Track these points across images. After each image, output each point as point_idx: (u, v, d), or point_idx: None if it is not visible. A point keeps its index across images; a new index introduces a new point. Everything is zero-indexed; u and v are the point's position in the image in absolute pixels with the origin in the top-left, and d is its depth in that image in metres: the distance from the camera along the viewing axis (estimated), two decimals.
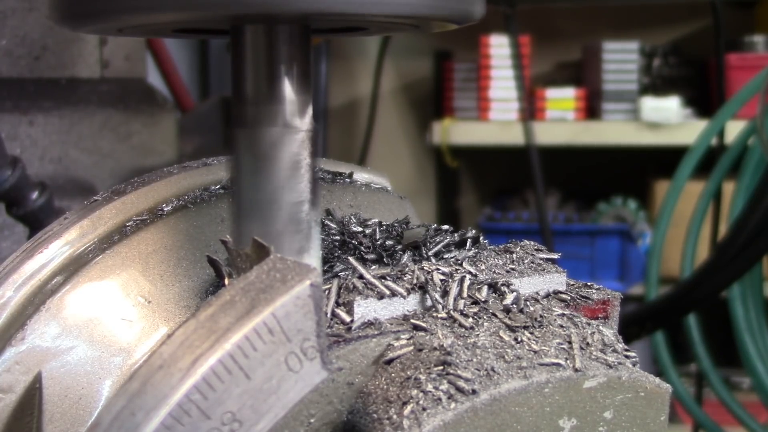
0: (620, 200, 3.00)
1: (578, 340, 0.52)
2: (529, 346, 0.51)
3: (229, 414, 0.40)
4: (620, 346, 0.53)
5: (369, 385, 0.48)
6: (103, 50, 1.27)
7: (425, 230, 0.59)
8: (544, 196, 1.83)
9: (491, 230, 2.92)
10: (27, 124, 1.16)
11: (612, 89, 2.94)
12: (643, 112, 2.84)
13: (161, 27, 0.50)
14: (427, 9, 0.46)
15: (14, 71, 1.18)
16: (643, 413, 0.51)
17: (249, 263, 0.46)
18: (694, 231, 1.75)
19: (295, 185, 0.49)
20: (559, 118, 2.95)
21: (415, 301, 0.52)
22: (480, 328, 0.51)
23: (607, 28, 3.13)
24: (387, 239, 0.57)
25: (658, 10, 3.14)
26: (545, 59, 3.22)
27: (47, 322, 0.53)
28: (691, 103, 2.90)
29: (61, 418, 0.51)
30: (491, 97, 2.97)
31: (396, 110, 3.36)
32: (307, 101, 0.49)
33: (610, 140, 2.89)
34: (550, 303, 0.56)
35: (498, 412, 0.47)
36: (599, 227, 2.92)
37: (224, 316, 0.41)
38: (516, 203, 3.09)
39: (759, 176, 1.49)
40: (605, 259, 2.88)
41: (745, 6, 2.99)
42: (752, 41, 2.88)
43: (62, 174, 1.19)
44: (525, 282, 0.56)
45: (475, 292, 0.54)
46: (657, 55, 2.98)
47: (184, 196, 0.59)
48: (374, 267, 0.54)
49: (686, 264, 1.73)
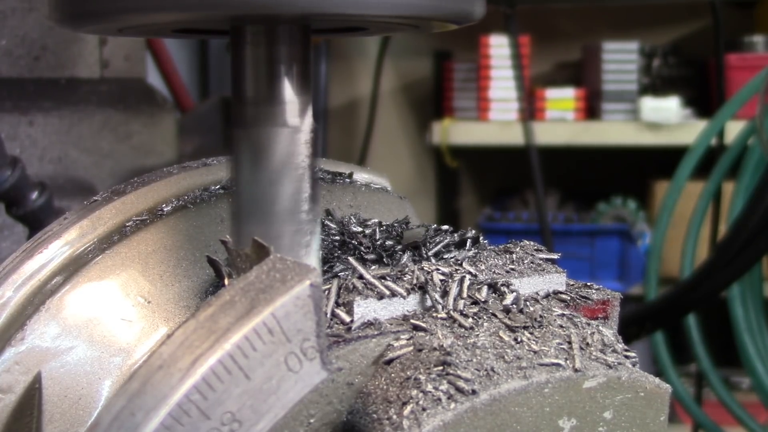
0: (620, 200, 3.00)
1: (578, 340, 0.52)
2: (529, 346, 0.51)
3: (229, 414, 0.40)
4: (620, 347, 0.53)
5: (369, 385, 0.48)
6: (103, 50, 1.27)
7: (425, 230, 0.59)
8: (543, 197, 1.83)
9: (491, 230, 2.92)
10: (27, 124, 1.16)
11: (612, 89, 2.94)
12: (643, 113, 2.84)
13: (161, 27, 0.50)
14: (427, 9, 0.46)
15: (14, 71, 1.18)
16: (642, 413, 0.51)
17: (249, 263, 0.46)
18: (693, 231, 1.75)
19: (294, 185, 0.49)
20: (558, 119, 2.95)
21: (414, 302, 0.52)
22: (480, 329, 0.51)
23: (606, 29, 3.13)
24: (387, 239, 0.57)
25: (658, 11, 3.14)
26: (545, 59, 3.22)
27: (47, 322, 0.53)
28: (690, 104, 2.90)
29: (60, 418, 0.51)
30: (491, 97, 2.97)
31: (396, 110, 3.36)
32: (307, 101, 0.49)
33: (610, 140, 2.89)
34: (550, 303, 0.56)
35: (498, 413, 0.47)
36: (599, 227, 2.92)
37: (224, 317, 0.41)
38: (516, 203, 3.09)
39: (759, 176, 1.49)
40: (605, 259, 2.88)
41: (744, 6, 2.99)
42: (752, 41, 2.88)
43: (62, 174, 1.19)
44: (525, 282, 0.56)
45: (475, 292, 0.54)
46: (657, 56, 2.98)
47: (184, 197, 0.59)
48: (374, 267, 0.54)
49: (686, 264, 1.73)
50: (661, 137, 2.83)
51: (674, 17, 3.14)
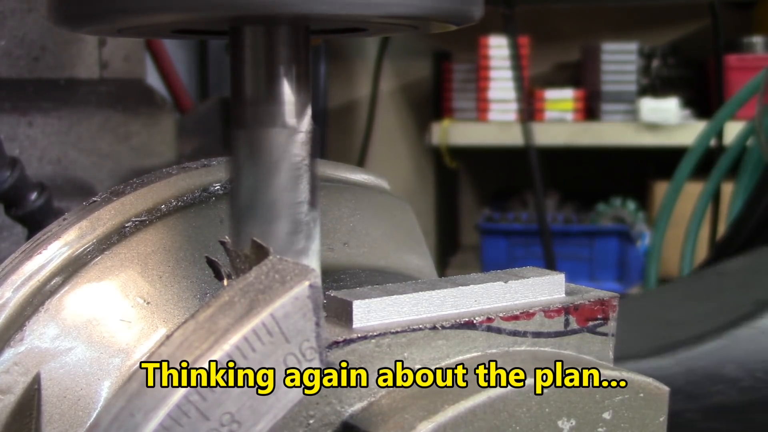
0: (619, 201, 3.00)
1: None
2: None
3: (228, 415, 0.40)
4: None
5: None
6: (102, 51, 1.27)
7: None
8: (543, 197, 1.83)
9: (490, 231, 2.92)
10: (26, 125, 1.16)
11: (611, 90, 2.94)
12: (642, 113, 2.84)
13: (161, 28, 0.50)
14: (426, 10, 0.46)
15: (13, 72, 1.18)
16: (642, 414, 0.51)
17: (248, 264, 0.46)
18: (693, 232, 1.76)
19: (294, 186, 0.49)
20: (558, 119, 2.95)
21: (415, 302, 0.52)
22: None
23: (606, 29, 3.13)
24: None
25: (657, 11, 3.14)
26: (544, 60, 3.22)
27: (46, 323, 0.53)
28: (690, 104, 2.91)
29: (60, 419, 0.51)
30: (490, 97, 2.97)
31: (395, 111, 3.36)
32: (307, 102, 0.49)
33: (609, 141, 2.90)
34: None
35: (497, 413, 0.47)
36: (598, 228, 2.92)
37: (223, 317, 0.41)
38: (515, 204, 3.09)
39: (757, 177, 1.49)
40: (604, 259, 2.88)
41: (743, 7, 2.99)
42: (751, 42, 2.88)
43: (61, 175, 1.19)
44: (524, 284, 0.56)
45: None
46: (656, 56, 2.98)
47: (183, 197, 0.59)
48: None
49: (685, 264, 1.73)
50: (661, 138, 2.83)
51: (673, 18, 3.14)
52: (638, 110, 2.86)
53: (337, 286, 0.57)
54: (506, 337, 0.51)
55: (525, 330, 0.52)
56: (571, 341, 0.54)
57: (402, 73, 3.32)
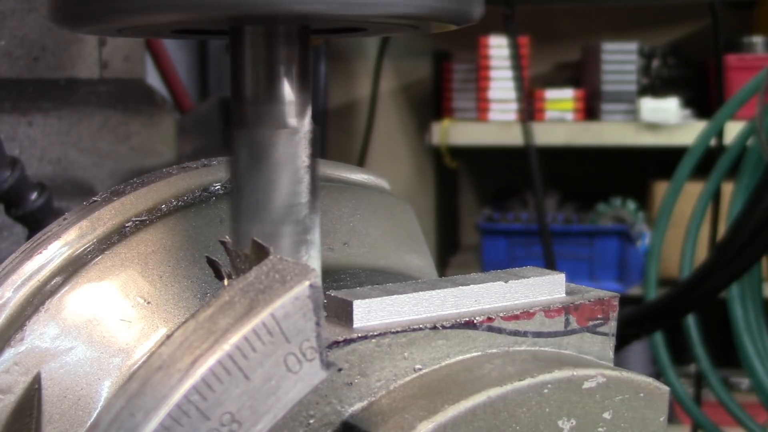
0: (619, 201, 3.00)
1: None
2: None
3: (228, 415, 0.40)
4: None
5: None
6: (102, 51, 1.27)
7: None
8: (543, 197, 1.83)
9: (490, 231, 2.92)
10: (26, 125, 1.16)
11: (611, 90, 2.94)
12: (642, 113, 2.84)
13: (161, 28, 0.50)
14: (426, 10, 0.46)
15: (13, 72, 1.18)
16: (642, 414, 0.51)
17: (248, 264, 0.46)
18: (693, 231, 1.75)
19: (294, 186, 0.49)
20: (558, 119, 2.95)
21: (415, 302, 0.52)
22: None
23: (606, 29, 3.13)
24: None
25: (657, 11, 3.14)
26: (544, 60, 3.22)
27: (46, 322, 0.53)
28: (690, 104, 2.91)
29: (60, 418, 0.51)
30: (490, 97, 2.97)
31: (395, 111, 3.36)
32: (307, 102, 0.49)
33: (609, 141, 2.90)
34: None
35: (497, 413, 0.47)
36: (598, 228, 2.92)
37: (223, 317, 0.41)
38: (515, 204, 3.09)
39: (758, 176, 1.49)
40: (604, 259, 2.88)
41: (743, 7, 2.99)
42: (751, 42, 2.88)
43: (61, 175, 1.19)
44: (524, 284, 0.56)
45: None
46: (656, 56, 2.98)
47: (184, 197, 0.59)
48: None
49: (685, 264, 1.73)
50: (661, 138, 2.83)
51: (673, 18, 3.14)
52: (638, 110, 2.86)
53: (338, 286, 0.57)
54: (507, 337, 0.51)
55: (525, 330, 0.52)
56: (572, 341, 0.54)
57: (402, 73, 3.32)
